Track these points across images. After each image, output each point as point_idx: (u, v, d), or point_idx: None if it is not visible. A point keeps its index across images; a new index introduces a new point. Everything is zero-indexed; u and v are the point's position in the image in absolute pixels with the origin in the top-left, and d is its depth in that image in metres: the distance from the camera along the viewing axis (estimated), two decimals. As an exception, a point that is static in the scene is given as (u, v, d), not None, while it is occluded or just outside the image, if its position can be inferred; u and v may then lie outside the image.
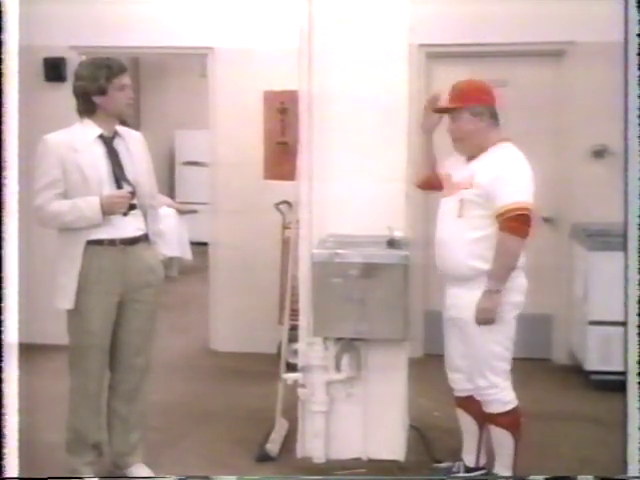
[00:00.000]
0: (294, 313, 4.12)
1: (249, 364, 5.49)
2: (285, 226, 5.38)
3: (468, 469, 3.68)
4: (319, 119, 3.87)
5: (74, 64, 4.49)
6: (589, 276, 5.07)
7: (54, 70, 5.84)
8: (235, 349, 5.76)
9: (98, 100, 3.41)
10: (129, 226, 3.45)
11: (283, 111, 5.61)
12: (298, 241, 3.99)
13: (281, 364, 4.16)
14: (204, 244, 6.68)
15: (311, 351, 3.89)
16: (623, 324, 2.86)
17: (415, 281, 3.94)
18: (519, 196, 3.32)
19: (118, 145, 3.48)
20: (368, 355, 3.87)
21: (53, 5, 5.31)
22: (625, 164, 2.85)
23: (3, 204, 2.83)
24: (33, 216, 3.37)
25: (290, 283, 4.40)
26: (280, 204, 5.34)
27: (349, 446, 3.91)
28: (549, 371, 5.46)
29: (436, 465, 3.81)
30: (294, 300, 4.16)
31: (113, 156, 3.44)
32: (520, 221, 3.29)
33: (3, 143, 2.82)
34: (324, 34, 3.83)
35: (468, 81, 3.59)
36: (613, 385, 3.92)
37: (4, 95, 2.83)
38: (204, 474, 3.49)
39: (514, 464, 3.49)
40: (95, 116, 3.45)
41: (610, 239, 4.74)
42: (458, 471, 3.70)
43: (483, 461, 3.67)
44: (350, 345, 3.82)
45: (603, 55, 4.44)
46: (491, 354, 3.41)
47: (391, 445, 3.90)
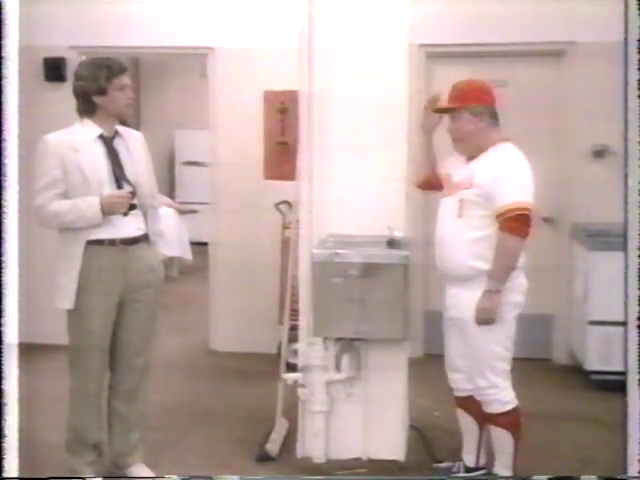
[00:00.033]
0: (294, 313, 4.12)
1: (249, 364, 5.48)
2: (285, 226, 5.38)
3: (468, 469, 3.68)
4: (319, 119, 3.87)
5: (74, 64, 4.48)
6: (589, 276, 5.07)
7: (54, 70, 5.83)
8: (235, 349, 5.76)
9: (98, 100, 3.41)
10: (129, 226, 3.45)
11: (283, 111, 5.62)
12: (298, 241, 3.99)
13: (281, 364, 4.16)
14: (204, 244, 6.68)
15: (311, 351, 3.89)
16: (623, 324, 2.86)
17: (415, 281, 3.94)
18: (519, 196, 3.32)
19: (118, 145, 3.48)
20: (368, 355, 3.87)
21: (53, 5, 5.32)
22: (625, 164, 2.85)
23: (3, 204, 2.83)
24: (33, 216, 3.36)
25: (290, 283, 4.40)
26: (280, 204, 5.33)
27: (349, 446, 3.91)
28: (549, 371, 5.45)
29: (436, 465, 3.81)
30: (294, 300, 4.16)
31: (113, 156, 3.44)
32: (520, 221, 3.29)
33: (3, 143, 2.82)
34: (324, 34, 3.83)
35: (468, 81, 3.58)
36: (613, 385, 3.92)
37: (4, 95, 2.83)
38: (204, 474, 3.49)
39: (514, 464, 3.49)
40: (95, 116, 3.45)
41: (610, 239, 4.74)
42: (458, 471, 3.70)
43: (483, 461, 3.67)
44: (350, 345, 3.82)
45: (603, 55, 4.44)
46: (491, 354, 3.41)
47: (391, 445, 3.90)
